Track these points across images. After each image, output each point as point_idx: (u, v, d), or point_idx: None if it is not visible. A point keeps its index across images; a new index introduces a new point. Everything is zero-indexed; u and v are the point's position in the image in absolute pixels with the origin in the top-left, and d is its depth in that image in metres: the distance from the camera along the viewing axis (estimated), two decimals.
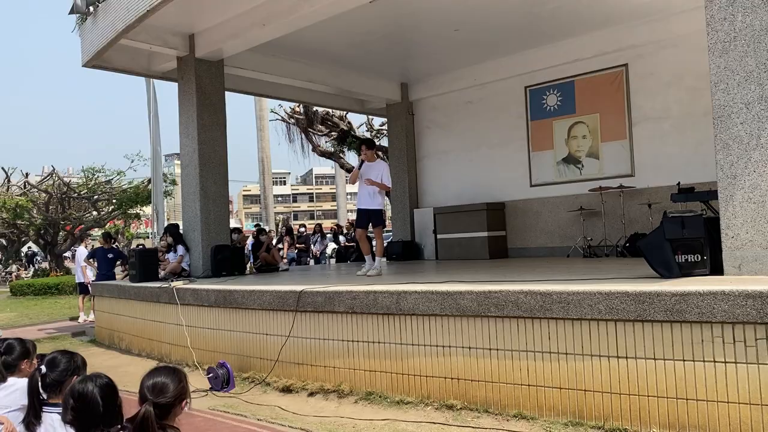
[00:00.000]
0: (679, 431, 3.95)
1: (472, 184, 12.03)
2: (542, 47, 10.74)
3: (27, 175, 29.00)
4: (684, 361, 3.95)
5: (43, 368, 3.06)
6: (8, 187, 28.02)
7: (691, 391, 3.93)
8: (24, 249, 31.82)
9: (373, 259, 7.95)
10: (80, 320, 12.46)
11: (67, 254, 28.92)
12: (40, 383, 2.98)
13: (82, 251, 13.81)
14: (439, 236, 11.84)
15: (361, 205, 7.95)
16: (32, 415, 2.92)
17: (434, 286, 5.22)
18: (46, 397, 2.99)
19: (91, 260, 12.50)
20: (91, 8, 9.43)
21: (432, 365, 5.12)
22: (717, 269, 4.65)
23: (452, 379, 5.00)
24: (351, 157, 19.88)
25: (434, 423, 4.69)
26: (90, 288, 12.01)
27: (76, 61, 10.16)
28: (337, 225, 17.36)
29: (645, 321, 4.09)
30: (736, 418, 3.77)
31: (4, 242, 29.23)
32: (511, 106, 11.57)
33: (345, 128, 18.78)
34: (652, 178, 9.66)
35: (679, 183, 8.07)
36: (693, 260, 4.70)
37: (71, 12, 9.91)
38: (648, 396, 4.08)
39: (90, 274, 12.68)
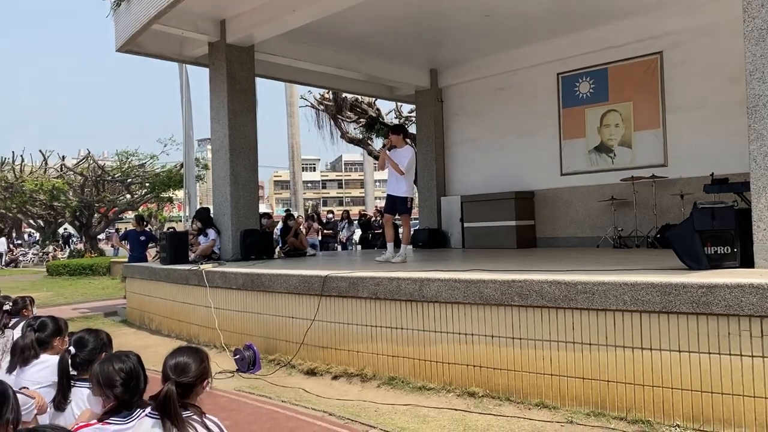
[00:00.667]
0: (703, 424, 3.90)
1: (501, 173, 11.94)
2: (575, 33, 10.56)
3: (63, 158, 29.69)
4: (710, 354, 3.90)
5: (72, 349, 3.16)
6: (45, 169, 28.75)
7: (716, 385, 3.87)
8: (60, 230, 32.61)
9: (397, 247, 7.96)
10: None
11: (101, 236, 29.59)
12: (70, 363, 3.08)
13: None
14: (466, 225, 11.79)
15: (389, 191, 7.99)
16: (61, 395, 3.02)
17: (458, 274, 5.21)
18: (76, 374, 3.09)
19: (123, 242, 12.74)
20: None
21: (454, 352, 5.13)
22: (748, 262, 4.55)
23: (474, 366, 5.01)
24: (379, 144, 19.87)
25: (456, 409, 4.71)
26: None
27: (111, 45, 10.32)
28: (364, 213, 17.37)
29: (671, 313, 4.04)
30: (762, 412, 3.71)
31: (41, 223, 30.01)
32: (543, 93, 11.42)
33: (373, 115, 18.75)
34: (686, 169, 9.46)
35: (712, 174, 7.89)
36: (723, 252, 4.61)
37: None
38: (672, 388, 4.03)
39: None
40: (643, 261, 6.28)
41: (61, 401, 3.00)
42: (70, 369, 3.07)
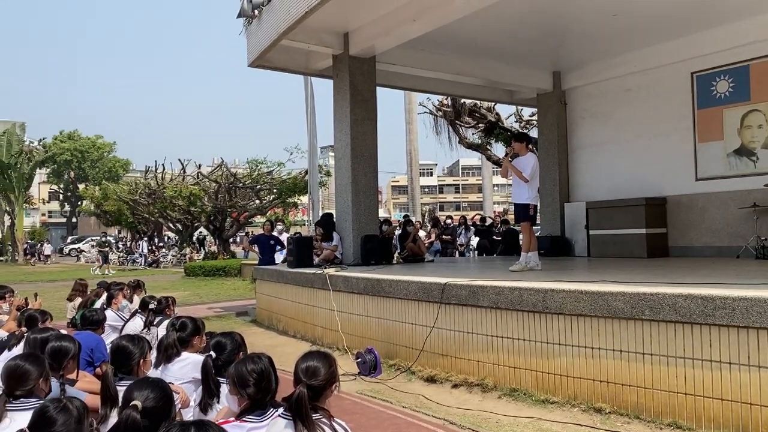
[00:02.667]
0: None
1: (629, 178, 11.37)
2: (711, 29, 9.86)
3: (200, 166, 31.91)
4: None
5: (213, 353, 3.40)
6: (183, 177, 31.02)
7: None
8: (196, 233, 35.00)
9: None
10: None
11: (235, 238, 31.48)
12: (212, 367, 3.32)
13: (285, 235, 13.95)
14: (591, 232, 11.31)
15: (514, 199, 7.97)
16: (207, 396, 3.25)
17: (583, 285, 5.04)
18: (218, 376, 3.33)
19: (253, 246, 13.46)
20: (256, 12, 10.14)
21: (579, 366, 4.97)
22: None
23: (601, 381, 4.82)
24: (498, 149, 19.62)
25: (581, 425, 4.56)
26: None
27: (242, 61, 11.02)
28: (482, 218, 17.15)
29: None
30: None
31: (179, 227, 32.39)
32: (676, 93, 10.75)
33: (493, 120, 18.55)
34: None
35: None
36: None
37: (239, 16, 10.74)
38: None
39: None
40: None
41: (207, 403, 3.23)
42: (213, 372, 3.29)
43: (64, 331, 5.32)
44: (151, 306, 6.14)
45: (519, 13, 9.33)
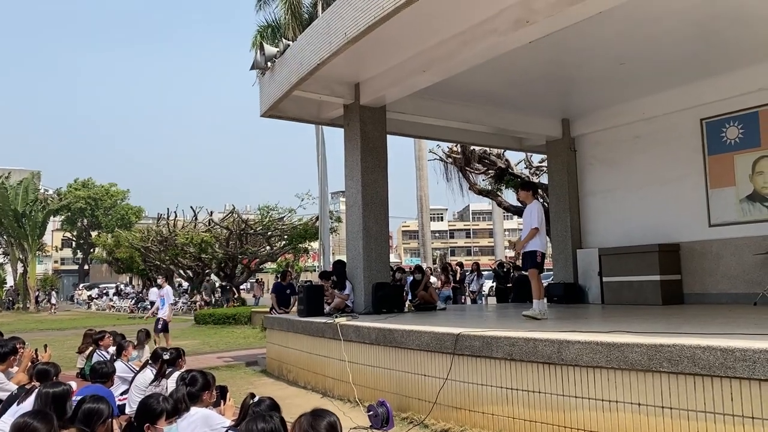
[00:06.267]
0: None
1: (641, 224, 11.31)
2: (719, 76, 9.95)
3: (211, 213, 32.15)
4: None
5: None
6: (195, 224, 31.23)
7: None
8: (205, 281, 34.97)
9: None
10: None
11: (244, 286, 31.37)
12: None
13: (169, 290, 14.25)
14: (605, 279, 11.20)
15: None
16: None
17: (599, 336, 4.96)
18: None
19: (273, 295, 13.54)
20: (269, 64, 10.36)
21: (597, 419, 4.83)
22: None
23: None
24: (508, 195, 19.66)
25: None
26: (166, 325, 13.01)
27: (253, 111, 11.20)
28: (500, 264, 17.06)
29: None
30: None
31: (190, 274, 32.43)
32: (685, 139, 10.79)
33: (502, 166, 18.64)
34: None
35: None
36: None
37: (252, 68, 10.96)
38: None
39: (165, 313, 13.33)
40: None
41: None
42: None
43: (73, 383, 5.28)
44: (165, 356, 6.09)
45: (525, 64, 9.46)
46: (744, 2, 7.61)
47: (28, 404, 4.18)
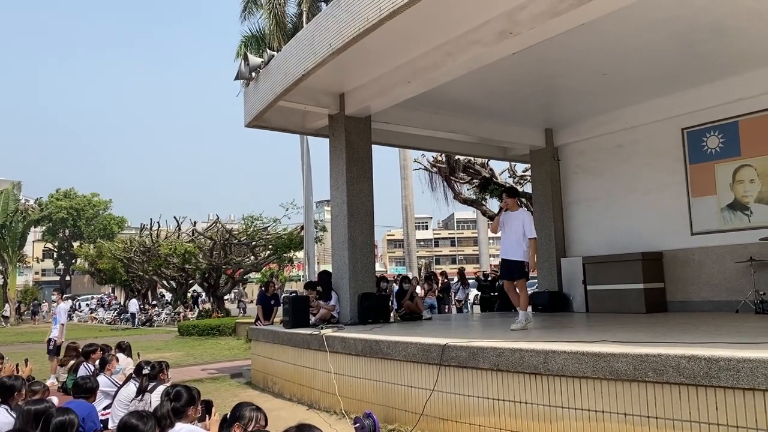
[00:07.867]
0: None
1: (625, 232, 11.41)
2: (701, 87, 10.10)
3: (195, 223, 31.95)
4: None
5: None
6: (179, 234, 31.00)
7: None
8: (190, 291, 34.70)
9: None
10: (48, 382, 8.89)
11: (228, 296, 31.14)
12: None
13: (64, 307, 12.79)
14: (589, 287, 11.28)
15: (505, 255, 7.81)
16: None
17: (585, 347, 4.97)
18: None
19: (259, 306, 13.43)
20: (254, 74, 10.33)
21: (584, 430, 4.84)
22: None
23: None
24: (493, 204, 19.78)
25: None
26: (58, 349, 11.44)
27: (237, 121, 11.17)
28: (484, 274, 17.08)
29: None
30: None
31: (174, 285, 32.15)
32: (667, 149, 10.91)
33: (487, 175, 18.75)
34: None
35: None
36: None
37: (236, 78, 10.92)
38: None
39: (55, 333, 11.86)
40: None
41: None
42: None
43: (54, 398, 5.19)
44: (145, 371, 6.02)
45: (509, 74, 9.53)
46: (723, 15, 7.74)
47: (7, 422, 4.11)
